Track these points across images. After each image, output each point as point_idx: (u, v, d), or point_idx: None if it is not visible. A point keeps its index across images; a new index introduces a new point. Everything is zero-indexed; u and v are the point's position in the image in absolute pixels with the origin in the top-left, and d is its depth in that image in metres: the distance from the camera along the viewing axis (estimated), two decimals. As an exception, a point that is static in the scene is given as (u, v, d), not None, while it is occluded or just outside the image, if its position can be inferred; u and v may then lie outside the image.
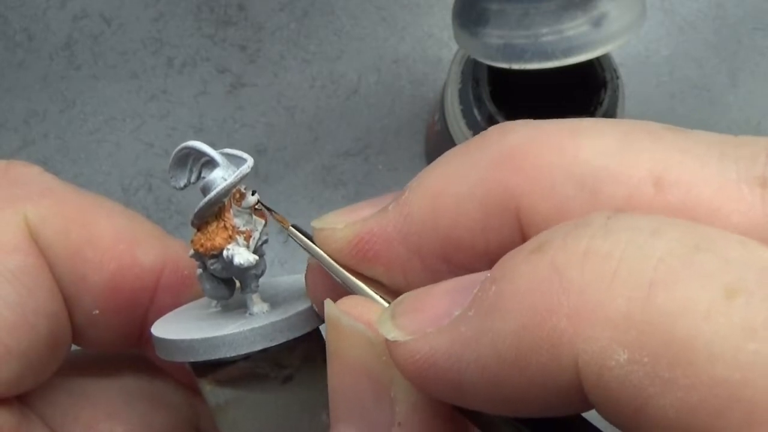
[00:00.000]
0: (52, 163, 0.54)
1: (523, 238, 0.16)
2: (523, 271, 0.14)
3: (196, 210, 0.21)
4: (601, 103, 0.44)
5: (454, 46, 0.47)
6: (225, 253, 0.20)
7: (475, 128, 0.45)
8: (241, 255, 0.20)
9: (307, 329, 0.21)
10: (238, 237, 0.21)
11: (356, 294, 0.19)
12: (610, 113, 0.45)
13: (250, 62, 0.57)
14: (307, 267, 0.20)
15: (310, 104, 0.57)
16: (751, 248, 0.13)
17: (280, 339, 0.20)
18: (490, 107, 0.43)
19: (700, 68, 0.58)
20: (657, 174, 0.15)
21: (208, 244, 0.21)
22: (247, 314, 0.21)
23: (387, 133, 0.56)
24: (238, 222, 0.21)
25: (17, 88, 0.56)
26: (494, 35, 0.39)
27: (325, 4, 0.58)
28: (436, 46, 0.58)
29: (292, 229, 0.20)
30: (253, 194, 0.21)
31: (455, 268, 0.17)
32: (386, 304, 0.18)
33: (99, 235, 0.23)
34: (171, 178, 0.22)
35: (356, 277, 0.19)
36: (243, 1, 0.58)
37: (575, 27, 0.38)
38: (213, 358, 0.20)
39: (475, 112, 0.44)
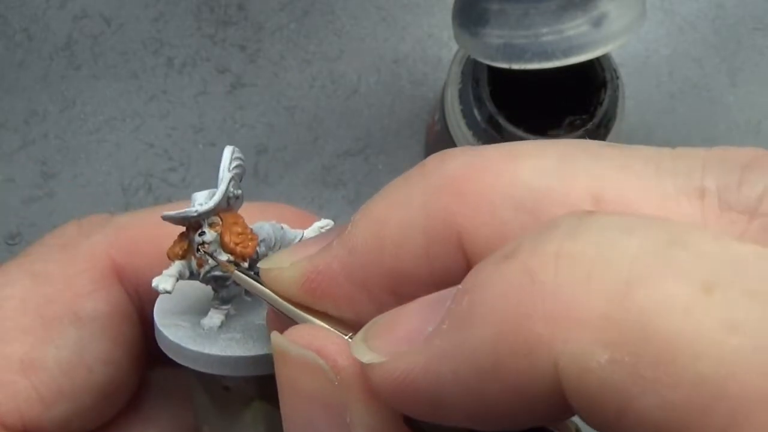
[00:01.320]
0: (52, 163, 0.54)
1: (468, 265, 0.16)
2: (495, 279, 0.14)
3: (163, 215, 0.21)
4: (601, 103, 0.44)
5: (454, 46, 0.47)
6: (166, 266, 0.21)
7: (475, 128, 0.45)
8: (158, 278, 0.20)
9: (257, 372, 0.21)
10: (192, 259, 0.21)
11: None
12: (610, 113, 0.45)
13: (250, 62, 0.57)
14: (267, 314, 0.20)
15: (310, 104, 0.57)
16: (725, 242, 0.13)
17: (221, 371, 0.21)
18: (490, 107, 0.44)
19: (700, 68, 0.58)
20: (595, 192, 0.15)
21: (167, 251, 0.21)
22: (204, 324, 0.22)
23: (387, 133, 0.56)
24: (195, 247, 0.21)
25: (17, 88, 0.56)
26: (494, 35, 0.39)
27: (325, 4, 0.58)
28: (436, 46, 0.58)
29: (238, 273, 0.20)
30: (200, 235, 0.20)
31: (402, 300, 0.17)
32: (339, 334, 0.18)
33: None
34: None
35: (308, 314, 0.18)
36: (243, 1, 0.58)
37: (575, 27, 0.38)
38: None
39: (475, 112, 0.44)
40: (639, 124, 0.56)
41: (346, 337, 0.17)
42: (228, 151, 0.21)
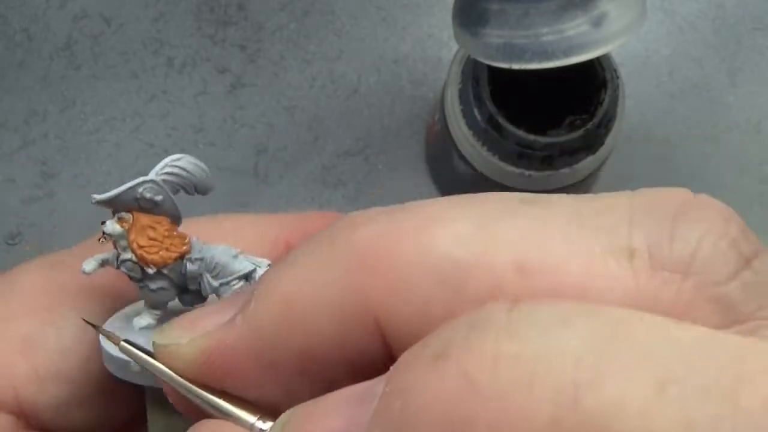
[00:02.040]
0: (52, 163, 0.54)
1: (385, 345, 0.15)
2: (429, 382, 0.13)
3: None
4: (601, 103, 0.44)
5: (454, 46, 0.47)
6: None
7: (475, 128, 0.45)
8: (86, 260, 0.21)
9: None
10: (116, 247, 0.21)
11: (211, 412, 0.17)
12: (610, 113, 0.45)
13: (250, 62, 0.57)
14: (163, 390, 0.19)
15: (310, 104, 0.57)
16: (668, 329, 0.13)
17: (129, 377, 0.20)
18: (490, 107, 0.43)
19: (700, 68, 0.58)
20: (519, 259, 0.14)
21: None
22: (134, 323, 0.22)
23: (387, 133, 0.56)
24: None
25: (17, 88, 0.56)
26: (494, 35, 0.39)
27: (325, 4, 0.58)
28: (436, 46, 0.58)
29: (125, 346, 0.18)
30: (102, 223, 0.21)
31: (313, 382, 0.16)
32: (251, 419, 0.16)
33: None
34: None
35: (209, 393, 0.17)
36: (243, 1, 0.58)
37: (575, 27, 0.38)
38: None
39: (476, 112, 0.44)
40: (639, 124, 0.56)
41: (255, 421, 0.16)
42: (168, 159, 0.21)
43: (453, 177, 0.51)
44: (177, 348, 0.17)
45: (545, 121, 0.45)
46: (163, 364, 0.17)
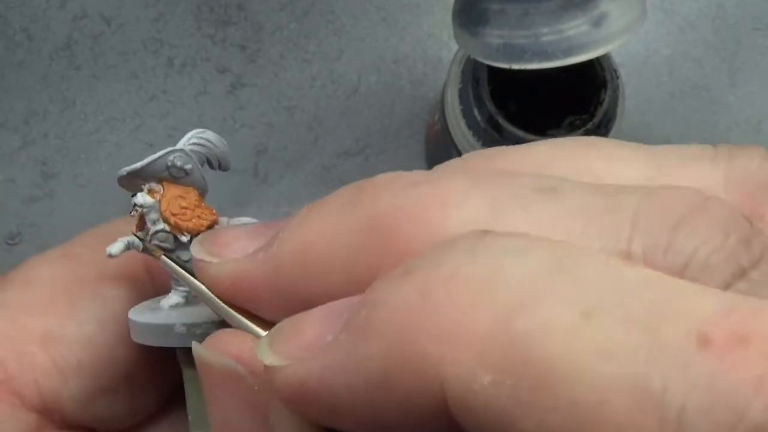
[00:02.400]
0: (52, 163, 0.54)
1: None
2: (390, 295, 0.14)
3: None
4: (601, 103, 0.44)
5: (454, 46, 0.47)
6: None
7: (475, 128, 0.45)
8: (111, 244, 0.21)
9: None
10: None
11: (232, 325, 0.18)
12: (610, 113, 0.45)
13: (250, 62, 0.57)
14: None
15: (310, 104, 0.57)
16: (613, 266, 0.13)
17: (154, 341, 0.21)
18: (490, 107, 0.43)
19: (700, 68, 0.58)
20: None
21: None
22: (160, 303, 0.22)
23: (387, 133, 0.56)
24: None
25: (17, 88, 0.56)
26: (494, 35, 0.39)
27: (325, 4, 0.58)
28: (436, 46, 0.58)
29: (164, 259, 0.20)
30: (133, 196, 0.21)
31: None
32: (262, 333, 0.18)
33: None
34: None
35: (233, 309, 0.18)
36: (243, 1, 0.58)
37: (575, 27, 0.38)
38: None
39: (475, 112, 0.44)
40: (639, 124, 0.56)
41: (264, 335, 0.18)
42: (193, 131, 0.21)
43: (453, 177, 0.51)
44: (207, 266, 0.18)
45: (545, 121, 0.45)
46: (197, 275, 0.19)
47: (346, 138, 0.56)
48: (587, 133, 0.43)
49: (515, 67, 0.39)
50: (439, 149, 0.52)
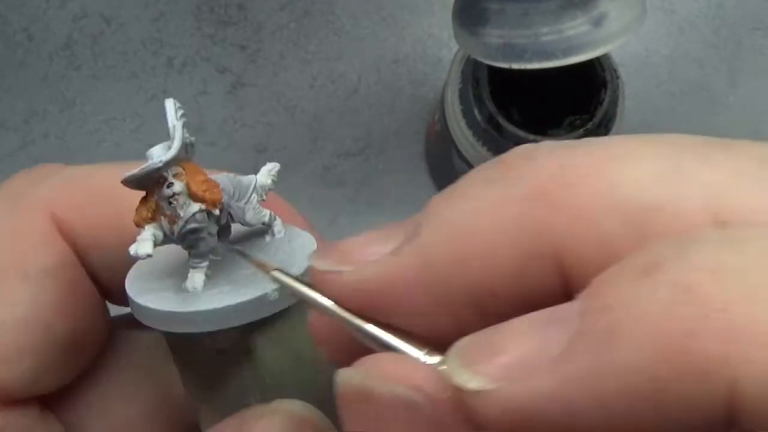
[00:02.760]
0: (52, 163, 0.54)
1: (563, 283, 0.15)
2: (642, 295, 0.13)
3: (122, 177, 0.19)
4: (601, 103, 0.44)
5: (454, 46, 0.47)
6: (137, 233, 0.20)
7: (475, 128, 0.45)
8: (136, 245, 0.19)
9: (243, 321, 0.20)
10: (162, 218, 0.20)
11: (370, 344, 0.16)
12: (610, 113, 0.45)
13: (250, 62, 0.57)
14: (309, 322, 0.18)
15: (310, 104, 0.57)
16: None
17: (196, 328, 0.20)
18: (490, 107, 0.43)
19: (700, 68, 0.58)
20: (712, 204, 0.14)
21: (134, 218, 0.20)
22: (184, 285, 0.21)
23: (387, 133, 0.56)
24: (164, 204, 0.20)
25: (17, 88, 0.56)
26: (494, 35, 0.39)
27: (325, 4, 0.58)
28: (436, 46, 0.58)
29: (277, 275, 0.18)
30: (169, 187, 0.20)
31: (483, 316, 0.16)
32: (419, 354, 0.16)
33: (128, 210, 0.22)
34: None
35: (369, 324, 0.16)
36: (243, 1, 0.58)
37: (575, 26, 0.38)
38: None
39: (476, 111, 0.44)
40: (639, 124, 0.56)
41: (424, 359, 0.16)
42: (170, 102, 0.20)
43: (453, 177, 0.51)
44: (338, 276, 0.16)
45: (545, 121, 0.45)
46: (320, 290, 0.17)
47: (346, 138, 0.56)
48: (587, 132, 0.43)
49: (515, 66, 0.39)
50: (439, 149, 0.52)
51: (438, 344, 0.16)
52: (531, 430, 0.14)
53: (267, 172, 0.23)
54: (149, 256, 0.19)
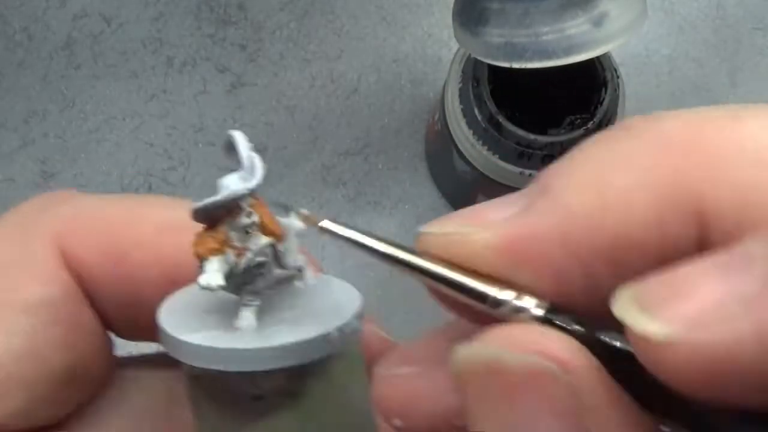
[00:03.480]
0: (52, 163, 0.54)
1: (699, 235, 0.15)
2: None
3: (194, 207, 0.18)
4: (601, 103, 0.44)
5: (454, 46, 0.47)
6: (203, 265, 0.18)
7: (476, 127, 0.45)
8: (204, 276, 0.18)
9: (287, 363, 0.18)
10: (229, 251, 0.18)
11: (476, 303, 0.15)
12: (611, 113, 0.45)
13: (250, 62, 0.57)
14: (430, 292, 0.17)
15: (310, 104, 0.57)
16: None
17: (248, 367, 0.18)
18: (491, 106, 0.43)
19: (700, 68, 0.58)
20: None
21: (194, 250, 0.19)
22: (236, 323, 0.19)
23: (387, 133, 0.56)
24: (234, 235, 0.19)
25: (17, 88, 0.56)
26: (495, 34, 0.39)
27: (325, 4, 0.58)
28: (436, 46, 0.58)
29: (329, 225, 0.17)
30: (248, 216, 0.19)
31: (620, 272, 0.15)
32: (540, 311, 0.15)
33: (139, 242, 0.21)
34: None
35: (490, 284, 0.15)
36: (243, 0, 0.58)
37: (576, 26, 0.38)
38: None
39: (476, 111, 0.44)
40: (639, 124, 0.56)
41: (543, 312, 0.15)
42: (239, 134, 0.20)
43: (453, 177, 0.51)
44: (465, 236, 0.16)
45: (545, 121, 0.45)
46: (440, 254, 0.16)
47: (346, 138, 0.56)
48: (587, 132, 0.43)
49: (516, 66, 0.39)
50: (439, 149, 0.52)
51: (563, 305, 0.15)
52: (721, 382, 0.13)
53: (302, 219, 0.22)
54: (222, 287, 0.18)
